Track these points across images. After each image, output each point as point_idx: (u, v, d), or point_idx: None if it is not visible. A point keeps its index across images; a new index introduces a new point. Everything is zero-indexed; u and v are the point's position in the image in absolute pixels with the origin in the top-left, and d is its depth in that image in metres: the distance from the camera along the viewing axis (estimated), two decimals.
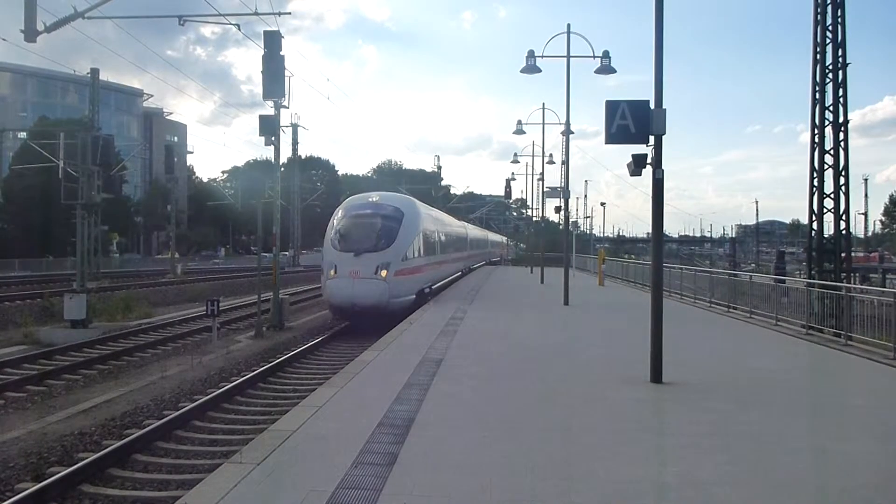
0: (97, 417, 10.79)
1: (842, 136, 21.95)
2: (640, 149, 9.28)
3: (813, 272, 22.25)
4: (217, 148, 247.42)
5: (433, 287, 24.42)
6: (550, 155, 36.58)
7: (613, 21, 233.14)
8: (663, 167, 9.28)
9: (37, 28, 16.35)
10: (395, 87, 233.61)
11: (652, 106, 9.13)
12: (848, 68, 21.93)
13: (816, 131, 22.19)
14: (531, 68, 20.18)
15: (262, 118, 21.35)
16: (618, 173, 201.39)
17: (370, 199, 22.55)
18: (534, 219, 59.59)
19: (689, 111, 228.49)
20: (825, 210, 22.26)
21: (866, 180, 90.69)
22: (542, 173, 37.59)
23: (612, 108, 9.21)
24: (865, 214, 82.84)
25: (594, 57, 19.57)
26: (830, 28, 21.92)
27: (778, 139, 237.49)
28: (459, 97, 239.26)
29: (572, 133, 28.62)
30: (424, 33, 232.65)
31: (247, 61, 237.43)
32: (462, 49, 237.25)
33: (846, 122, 22.09)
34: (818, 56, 22.09)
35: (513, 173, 70.20)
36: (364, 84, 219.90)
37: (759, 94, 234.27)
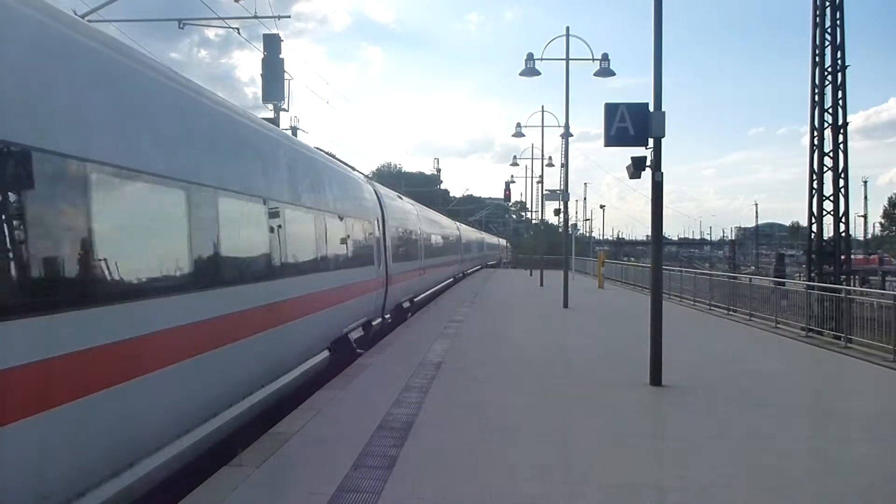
0: None
1: (841, 138, 21.96)
2: (640, 151, 9.30)
3: (812, 274, 22.24)
4: None
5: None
6: (550, 158, 36.61)
7: (621, 24, 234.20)
8: (663, 170, 9.32)
9: None
10: (400, 88, 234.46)
11: (651, 108, 9.15)
12: (848, 71, 21.96)
13: (816, 133, 22.18)
14: (530, 71, 20.19)
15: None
16: (618, 176, 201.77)
17: None
18: (533, 221, 59.60)
19: (692, 114, 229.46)
20: (825, 212, 22.26)
21: (866, 183, 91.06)
22: (541, 176, 37.61)
23: (612, 110, 9.23)
24: (865, 217, 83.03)
25: (593, 59, 19.61)
26: (829, 30, 21.92)
27: (781, 141, 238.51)
28: (463, 99, 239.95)
29: (572, 136, 28.67)
30: (429, 35, 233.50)
31: (250, 63, 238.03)
32: (467, 51, 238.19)
33: (845, 124, 22.08)
34: (817, 58, 22.09)
35: (512, 176, 69.82)
36: (369, 86, 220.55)
37: (763, 97, 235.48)
